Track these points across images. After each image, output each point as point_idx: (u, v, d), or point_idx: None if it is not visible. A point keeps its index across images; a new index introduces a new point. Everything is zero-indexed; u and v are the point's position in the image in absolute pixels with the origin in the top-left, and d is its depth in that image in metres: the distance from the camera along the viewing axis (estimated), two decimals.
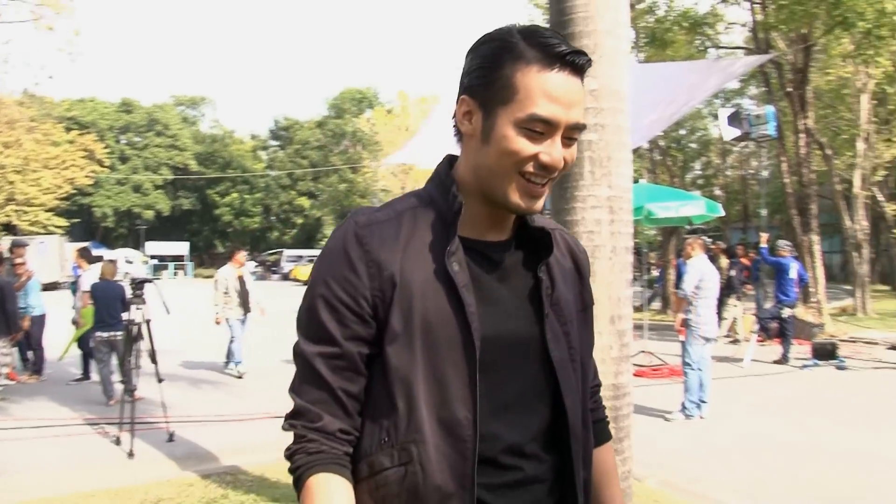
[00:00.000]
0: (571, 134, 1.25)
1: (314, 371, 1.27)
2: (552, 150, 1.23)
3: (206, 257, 65.30)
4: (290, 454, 1.28)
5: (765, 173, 34.80)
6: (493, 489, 1.26)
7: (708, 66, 10.56)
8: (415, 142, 13.85)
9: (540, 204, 1.31)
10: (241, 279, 10.83)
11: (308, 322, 1.29)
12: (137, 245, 54.75)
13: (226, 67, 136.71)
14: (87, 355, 9.89)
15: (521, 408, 1.31)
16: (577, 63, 1.23)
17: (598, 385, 1.64)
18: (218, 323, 10.66)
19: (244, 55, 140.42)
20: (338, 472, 1.24)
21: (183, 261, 57.13)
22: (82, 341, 9.84)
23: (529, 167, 1.24)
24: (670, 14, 16.54)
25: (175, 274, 54.12)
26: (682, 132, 35.54)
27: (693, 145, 37.84)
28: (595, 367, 1.57)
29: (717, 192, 41.32)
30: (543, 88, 1.21)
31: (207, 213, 64.23)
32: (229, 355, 10.74)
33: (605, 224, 3.15)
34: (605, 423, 1.63)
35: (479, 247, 1.32)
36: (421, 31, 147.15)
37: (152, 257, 51.87)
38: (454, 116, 1.33)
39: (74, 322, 9.99)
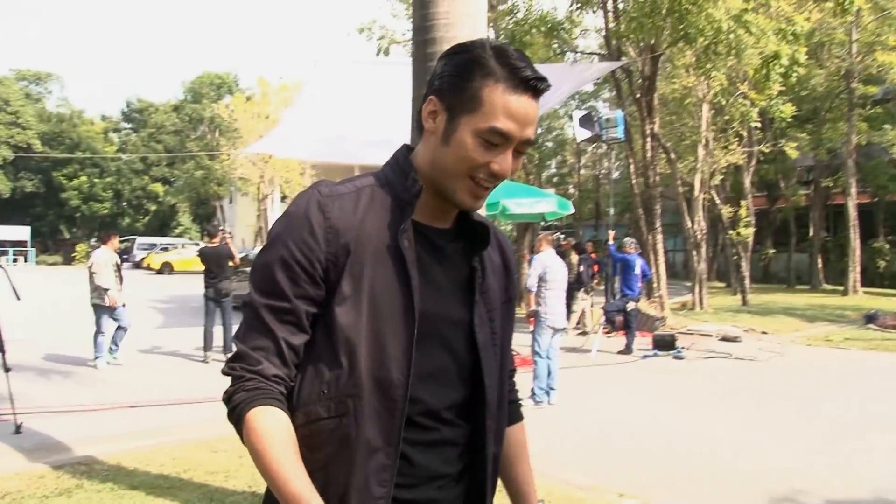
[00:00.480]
0: (522, 148, 1.41)
1: (261, 320, 1.37)
2: (503, 161, 1.38)
3: (51, 243, 61.65)
4: (228, 395, 1.37)
5: (616, 174, 36.50)
6: (413, 444, 1.39)
7: (563, 70, 11.11)
8: (276, 132, 13.78)
9: (481, 204, 1.46)
10: (117, 265, 10.46)
11: (263, 277, 1.38)
12: None
13: (74, 43, 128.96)
14: None
15: (443, 379, 1.44)
16: (538, 88, 1.38)
17: (514, 370, 1.75)
18: (114, 306, 10.20)
19: (95, 31, 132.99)
20: (276, 406, 1.34)
21: (24, 247, 53.67)
22: None
23: (480, 173, 1.39)
24: (529, 17, 17.16)
25: (15, 260, 50.67)
26: (539, 131, 36.78)
27: (549, 144, 39.18)
28: (511, 355, 1.69)
29: (571, 190, 42.96)
30: (506, 106, 1.35)
31: (53, 196, 60.55)
32: (100, 347, 10.28)
33: None
34: (518, 405, 1.77)
35: (426, 231, 1.46)
36: (283, 18, 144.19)
37: None
38: (417, 113, 1.47)
39: None
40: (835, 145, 26.74)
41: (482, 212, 3.42)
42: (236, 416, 1.35)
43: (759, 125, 21.58)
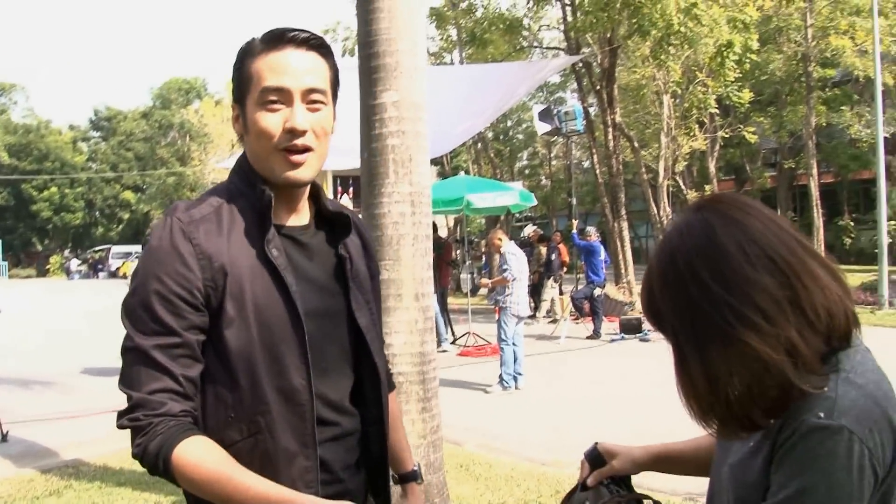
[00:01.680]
0: (312, 98, 1.41)
1: (153, 362, 1.30)
2: (293, 116, 1.38)
3: (23, 256, 61.15)
4: (142, 448, 1.29)
5: (586, 163, 36.80)
6: (322, 443, 1.42)
7: (521, 68, 11.44)
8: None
9: (307, 173, 1.44)
10: None
11: (143, 317, 1.32)
12: None
13: (38, 52, 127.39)
14: None
15: (336, 370, 1.48)
16: (298, 38, 1.40)
17: (383, 342, 1.78)
18: None
19: (58, 39, 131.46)
20: (198, 434, 1.31)
21: None
22: None
23: (282, 140, 1.39)
24: (488, 15, 17.50)
25: None
26: (509, 124, 37.11)
27: (520, 136, 39.49)
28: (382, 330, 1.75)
29: (544, 181, 43.19)
30: (269, 65, 1.38)
31: (23, 208, 59.98)
32: None
33: (407, 216, 3.72)
34: (391, 375, 1.81)
35: (288, 231, 1.47)
36: (248, 20, 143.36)
37: None
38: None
39: None
40: (796, 128, 27.31)
41: (403, 209, 3.72)
42: (162, 462, 1.27)
43: (717, 111, 22.03)
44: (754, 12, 15.14)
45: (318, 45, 1.44)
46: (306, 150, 1.41)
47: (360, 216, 1.78)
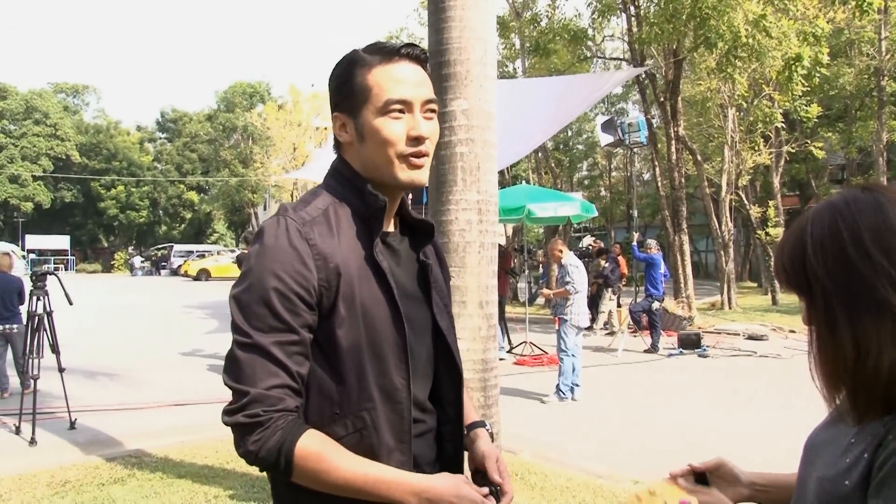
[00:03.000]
0: (429, 108, 1.50)
1: (272, 358, 1.35)
2: (416, 124, 1.46)
3: (90, 252, 62.98)
4: (259, 444, 1.33)
5: (647, 175, 36.35)
6: (413, 439, 1.49)
7: (585, 81, 11.38)
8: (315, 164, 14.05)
9: (425, 176, 1.53)
10: None
11: (260, 314, 1.36)
12: (15, 239, 52.32)
13: (110, 55, 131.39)
14: None
15: (423, 372, 1.56)
16: (412, 54, 1.48)
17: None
18: None
19: (130, 43, 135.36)
20: (312, 429, 1.38)
21: (65, 255, 54.96)
22: None
23: (404, 147, 1.47)
24: (553, 26, 17.45)
25: (56, 269, 51.91)
26: (569, 133, 36.91)
27: (580, 147, 39.24)
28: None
29: (603, 192, 42.85)
30: (390, 76, 1.45)
31: (91, 206, 61.85)
32: None
33: (474, 224, 3.75)
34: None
35: (385, 238, 1.54)
36: (313, 26, 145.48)
37: (30, 251, 49.70)
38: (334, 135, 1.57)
39: None
40: (865, 143, 26.58)
41: (470, 217, 3.75)
42: (284, 457, 1.33)
43: (783, 125, 21.55)
44: (825, 25, 14.77)
45: (426, 60, 1.53)
46: (426, 154, 1.50)
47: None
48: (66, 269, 52.67)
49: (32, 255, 48.92)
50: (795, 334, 15.08)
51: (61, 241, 55.75)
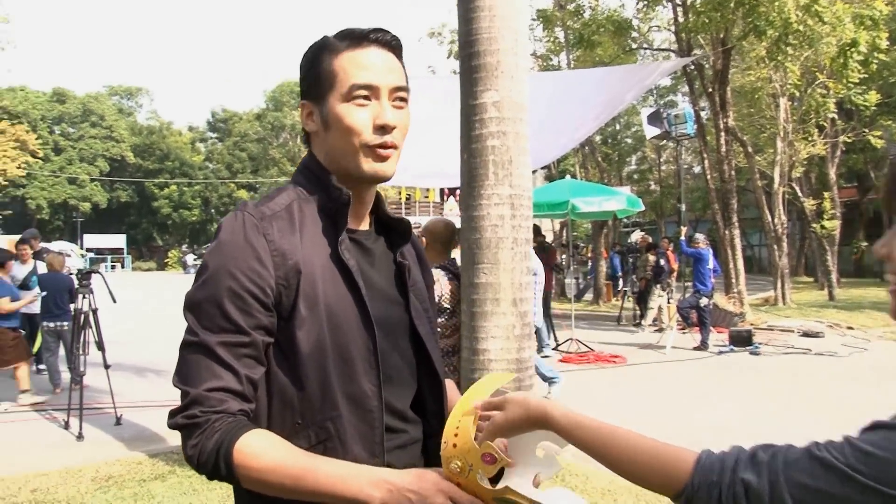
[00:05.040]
0: (398, 96, 1.41)
1: (217, 359, 1.26)
2: (382, 111, 1.38)
3: (145, 250, 64.39)
4: (197, 448, 1.23)
5: (696, 169, 35.69)
6: (390, 451, 1.37)
7: (629, 72, 11.15)
8: None
9: (391, 168, 1.43)
10: None
11: (210, 313, 1.28)
12: (74, 238, 53.76)
13: (161, 57, 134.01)
14: None
15: (399, 379, 1.44)
16: (382, 39, 1.41)
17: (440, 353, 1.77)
18: None
19: (180, 45, 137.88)
20: (258, 428, 1.27)
21: (121, 254, 56.29)
22: None
23: (369, 137, 1.38)
24: (596, 16, 17.18)
25: (112, 267, 53.28)
26: (617, 127, 36.45)
27: (629, 140, 38.72)
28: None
29: (653, 186, 42.26)
30: (356, 62, 1.37)
31: (146, 205, 63.29)
32: None
33: (507, 219, 3.65)
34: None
35: (355, 236, 1.45)
36: (358, 23, 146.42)
37: (88, 250, 51.00)
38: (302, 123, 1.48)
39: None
40: None
41: (503, 212, 3.65)
42: (223, 459, 1.21)
43: (838, 115, 20.89)
44: (884, 7, 14.18)
45: (398, 46, 1.45)
46: (393, 146, 1.40)
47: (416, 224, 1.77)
48: (122, 268, 53.97)
49: (90, 254, 50.14)
50: (854, 331, 14.64)
51: (117, 240, 57.18)
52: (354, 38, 1.40)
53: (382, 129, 1.38)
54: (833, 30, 13.43)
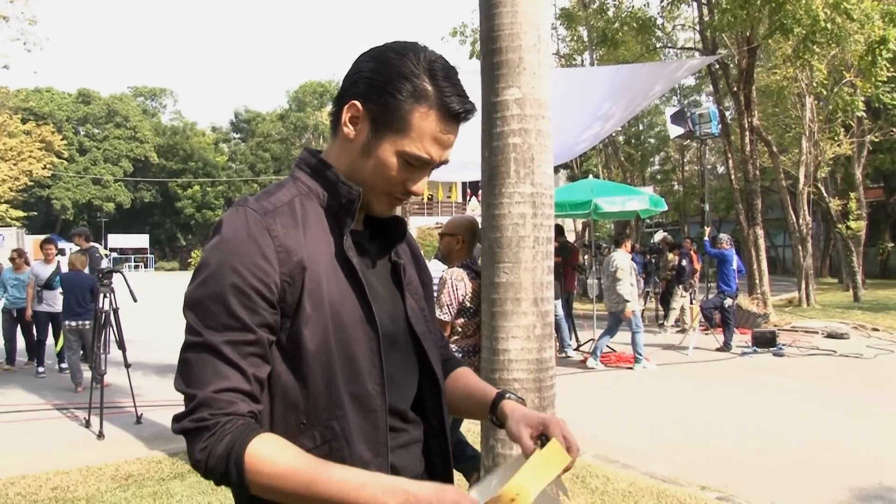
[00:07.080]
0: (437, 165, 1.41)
1: (223, 359, 1.22)
2: (420, 183, 1.40)
3: (168, 250, 64.92)
4: (206, 452, 1.18)
5: (720, 169, 35.39)
6: (393, 450, 1.36)
7: (653, 69, 11.04)
8: None
9: (393, 211, 1.46)
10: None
11: (213, 311, 1.23)
12: (98, 238, 54.25)
13: (185, 58, 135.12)
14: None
15: (400, 379, 1.42)
16: (467, 118, 1.38)
17: (447, 343, 1.78)
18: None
19: (204, 46, 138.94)
20: (268, 433, 1.24)
21: (144, 254, 56.81)
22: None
23: (398, 192, 1.39)
24: (620, 14, 17.05)
25: (136, 267, 53.79)
26: (641, 127, 36.23)
27: (652, 140, 38.48)
28: (441, 332, 1.72)
29: (676, 186, 41.97)
30: (434, 135, 1.33)
31: (169, 205, 63.79)
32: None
33: (528, 217, 3.59)
34: (457, 359, 1.75)
35: (354, 236, 1.40)
36: (380, 23, 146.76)
37: (112, 250, 51.51)
38: (333, 112, 1.43)
39: None
40: None
41: (524, 210, 3.59)
42: (234, 464, 1.17)
43: (865, 114, 20.59)
44: None
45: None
46: (405, 201, 1.45)
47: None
48: (145, 268, 54.45)
49: (114, 254, 50.65)
50: (880, 332, 14.42)
51: (141, 240, 57.73)
52: (447, 109, 1.34)
53: (410, 194, 1.40)
54: (861, 27, 13.22)
